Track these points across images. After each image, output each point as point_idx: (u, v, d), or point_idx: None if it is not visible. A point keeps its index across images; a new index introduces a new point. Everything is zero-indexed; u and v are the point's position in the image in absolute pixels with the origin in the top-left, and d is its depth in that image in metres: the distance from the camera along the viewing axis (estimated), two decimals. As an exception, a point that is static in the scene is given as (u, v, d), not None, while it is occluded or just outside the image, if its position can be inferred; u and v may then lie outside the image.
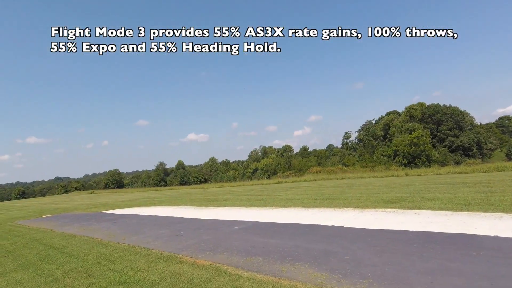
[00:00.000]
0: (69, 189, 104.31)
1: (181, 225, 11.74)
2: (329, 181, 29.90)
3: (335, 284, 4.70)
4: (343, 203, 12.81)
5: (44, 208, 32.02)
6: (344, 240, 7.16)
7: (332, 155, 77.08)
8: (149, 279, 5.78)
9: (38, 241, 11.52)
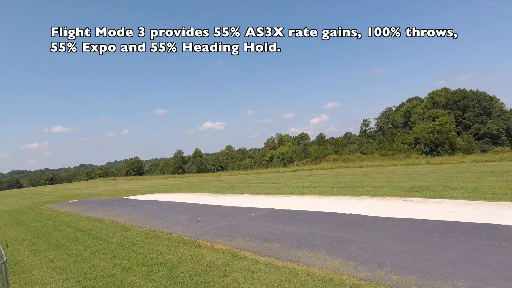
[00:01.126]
0: (93, 175, 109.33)
1: (199, 211, 12.04)
2: (347, 169, 29.49)
3: (352, 271, 4.70)
4: (361, 192, 12.63)
5: (71, 194, 33.81)
6: (362, 228, 7.10)
7: (349, 143, 75.69)
8: (170, 262, 6.02)
9: (67, 224, 12.23)
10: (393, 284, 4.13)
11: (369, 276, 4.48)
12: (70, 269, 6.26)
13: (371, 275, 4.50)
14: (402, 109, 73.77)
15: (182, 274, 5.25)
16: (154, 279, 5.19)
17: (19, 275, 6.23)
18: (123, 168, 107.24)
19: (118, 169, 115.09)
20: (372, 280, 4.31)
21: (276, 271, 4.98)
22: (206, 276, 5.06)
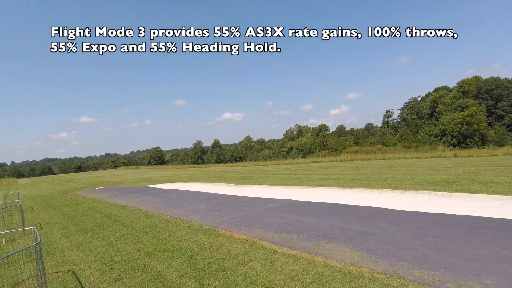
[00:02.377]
0: (117, 164, 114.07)
1: (218, 201, 12.26)
2: (367, 161, 28.78)
3: (371, 264, 4.62)
4: (382, 184, 12.30)
5: (97, 181, 35.52)
6: (382, 221, 6.93)
7: (371, 135, 73.58)
8: (190, 249, 6.20)
9: (94, 209, 12.90)
10: (415, 279, 4.02)
11: (389, 270, 4.38)
12: (97, 252, 6.61)
13: (392, 269, 4.40)
14: (428, 99, 70.42)
15: (202, 261, 5.40)
16: (175, 264, 5.37)
17: (52, 255, 6.67)
18: (145, 158, 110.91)
19: (140, 159, 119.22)
20: (392, 274, 4.22)
21: (294, 262, 5.00)
22: (225, 264, 5.16)
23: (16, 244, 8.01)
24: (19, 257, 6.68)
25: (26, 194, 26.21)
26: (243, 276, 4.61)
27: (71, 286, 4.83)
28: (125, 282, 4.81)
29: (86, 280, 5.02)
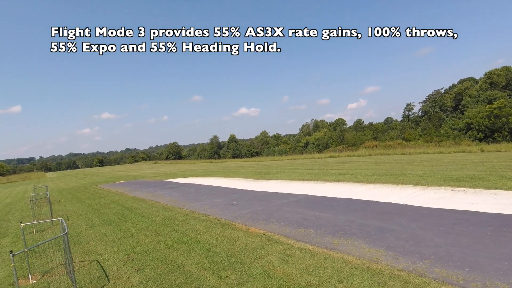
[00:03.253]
0: (137, 159, 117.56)
1: (235, 196, 12.38)
2: (387, 157, 28.02)
3: (391, 261, 4.52)
4: (403, 180, 11.96)
5: (119, 175, 36.79)
6: (403, 218, 6.75)
7: (390, 129, 71.48)
8: (208, 242, 6.32)
9: (116, 202, 13.39)
10: (438, 278, 3.90)
11: (410, 267, 4.27)
12: (120, 243, 6.88)
13: (413, 266, 4.29)
14: (452, 91, 67.28)
15: (219, 254, 5.49)
16: (194, 257, 5.50)
17: (78, 245, 7.01)
18: (164, 153, 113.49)
19: (159, 153, 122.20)
20: (413, 272, 4.12)
21: (311, 257, 4.98)
22: (242, 257, 5.23)
23: (45, 234, 8.48)
24: (48, 246, 7.07)
25: (53, 187, 27.58)
26: (260, 269, 4.65)
27: (97, 275, 5.06)
28: (146, 272, 4.98)
29: (110, 270, 5.24)
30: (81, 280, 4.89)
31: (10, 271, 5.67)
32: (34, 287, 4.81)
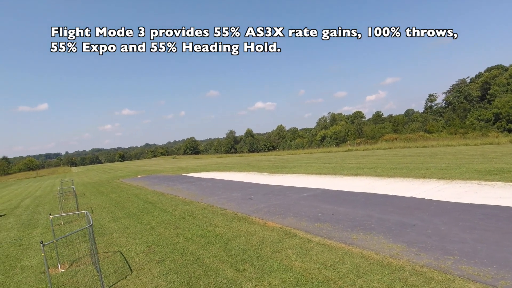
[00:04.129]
0: (156, 154, 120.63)
1: (251, 190, 12.44)
2: (407, 150, 27.14)
3: (413, 257, 4.39)
4: (425, 174, 11.55)
5: (139, 170, 37.94)
6: (425, 213, 6.53)
7: (411, 121, 69.03)
8: (226, 235, 6.40)
9: (137, 196, 13.83)
10: (463, 274, 3.75)
11: (433, 263, 4.14)
12: (141, 235, 7.11)
13: (436, 263, 4.15)
14: (478, 80, 63.79)
15: (237, 248, 5.55)
16: (212, 250, 5.59)
17: (102, 237, 7.31)
18: (181, 148, 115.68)
19: (177, 148, 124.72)
20: (436, 268, 3.98)
21: (329, 251, 4.93)
22: (259, 251, 5.26)
23: (72, 226, 8.90)
24: (75, 237, 7.42)
25: (78, 181, 28.87)
26: (278, 263, 4.66)
27: (120, 265, 5.27)
28: (167, 264, 5.12)
29: (133, 261, 5.43)
30: (105, 270, 5.10)
31: (41, 260, 6.02)
32: (63, 275, 5.07)
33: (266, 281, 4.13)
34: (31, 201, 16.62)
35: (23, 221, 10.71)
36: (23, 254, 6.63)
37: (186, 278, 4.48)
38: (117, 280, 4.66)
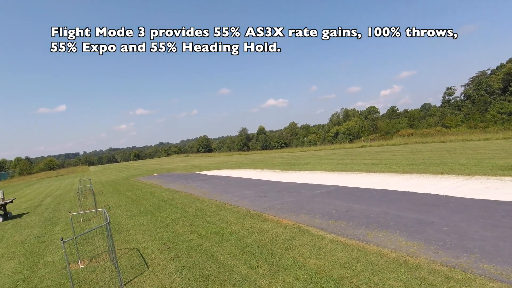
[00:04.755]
0: (170, 152, 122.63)
1: (264, 187, 12.45)
2: (424, 145, 26.41)
3: (431, 255, 4.28)
4: (443, 169, 11.20)
5: (153, 168, 38.68)
6: (443, 210, 6.34)
7: (428, 116, 67.11)
8: (239, 232, 6.44)
9: (152, 194, 14.12)
10: (484, 274, 3.62)
11: (452, 262, 4.01)
12: (156, 232, 7.25)
13: (455, 261, 4.03)
14: (500, 71, 61.12)
15: (251, 245, 5.57)
16: (226, 246, 5.64)
17: (119, 234, 7.51)
18: (194, 146, 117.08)
19: (190, 147, 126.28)
20: (456, 267, 3.86)
21: (344, 249, 4.87)
22: (273, 248, 5.26)
23: (91, 223, 9.19)
24: (94, 234, 7.66)
25: (96, 180, 29.75)
26: (291, 260, 4.65)
27: (137, 262, 5.40)
28: (182, 260, 5.21)
29: (149, 257, 5.56)
30: (123, 266, 5.24)
31: (62, 256, 6.25)
32: (83, 271, 5.25)
33: (280, 278, 4.13)
34: (52, 200, 17.27)
35: (45, 218, 11.15)
36: (46, 250, 6.90)
37: (201, 275, 4.54)
38: (134, 276, 4.78)
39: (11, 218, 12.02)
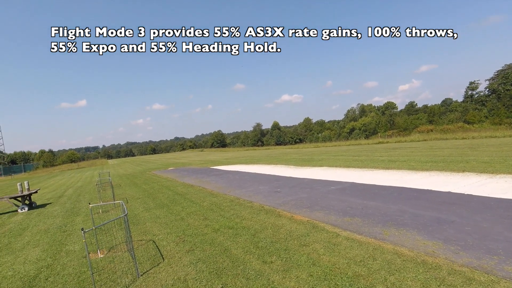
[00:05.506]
0: (185, 147, 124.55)
1: (278, 183, 12.42)
2: (445, 142, 25.49)
3: (451, 256, 4.13)
4: (464, 167, 10.78)
5: (169, 162, 39.42)
6: (464, 209, 6.10)
7: (449, 111, 64.68)
8: (253, 227, 6.46)
9: (167, 188, 14.40)
10: (509, 276, 3.46)
11: (473, 263, 3.86)
12: (172, 225, 7.40)
13: (477, 262, 3.87)
14: (529, 65, 57.79)
15: (264, 240, 5.58)
16: (240, 241, 5.67)
17: (136, 226, 7.71)
18: (209, 141, 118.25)
19: (204, 142, 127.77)
20: (478, 268, 3.71)
21: (359, 247, 4.79)
22: (287, 244, 5.24)
23: (109, 215, 9.49)
24: (112, 225, 7.91)
25: (114, 173, 30.67)
26: (305, 257, 4.62)
27: (153, 253, 5.53)
28: (196, 253, 5.29)
29: (164, 249, 5.68)
30: (140, 257, 5.39)
31: (82, 245, 6.49)
32: (102, 260, 5.44)
33: (294, 274, 4.11)
34: (74, 191, 17.96)
35: (67, 209, 11.61)
36: (67, 240, 7.20)
37: (215, 268, 4.59)
38: (150, 267, 4.90)
39: (36, 208, 12.60)
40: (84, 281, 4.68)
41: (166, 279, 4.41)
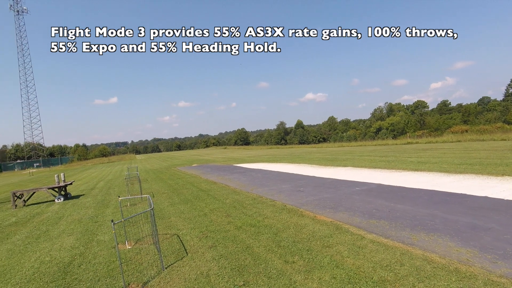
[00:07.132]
0: (208, 144, 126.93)
1: (301, 182, 12.28)
2: (481, 143, 23.85)
3: (487, 265, 3.85)
4: (503, 170, 10.01)
5: (193, 159, 40.36)
6: (503, 215, 5.67)
7: (486, 110, 60.41)
8: (275, 226, 6.44)
9: (191, 184, 14.75)
10: (555, 292, 3.16)
11: (514, 275, 3.57)
12: (195, 221, 7.57)
13: (518, 275, 3.57)
14: None
15: (286, 239, 5.54)
16: (262, 239, 5.67)
17: (162, 220, 7.98)
18: (232, 138, 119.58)
19: (228, 139, 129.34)
20: (519, 281, 3.43)
21: (385, 251, 4.61)
22: (309, 245, 5.17)
23: (136, 208, 9.90)
24: (139, 218, 8.24)
25: (142, 168, 31.94)
26: (328, 258, 4.52)
27: (177, 247, 5.69)
28: (218, 249, 5.36)
29: (188, 244, 5.82)
30: (164, 250, 5.56)
31: (112, 236, 6.82)
32: (129, 251, 5.68)
33: (316, 276, 4.04)
34: (104, 184, 18.93)
35: (98, 201, 12.27)
36: (98, 230, 7.60)
37: (237, 265, 4.63)
38: (174, 260, 5.04)
39: (71, 199, 13.44)
40: (113, 270, 4.91)
41: (189, 273, 4.52)
